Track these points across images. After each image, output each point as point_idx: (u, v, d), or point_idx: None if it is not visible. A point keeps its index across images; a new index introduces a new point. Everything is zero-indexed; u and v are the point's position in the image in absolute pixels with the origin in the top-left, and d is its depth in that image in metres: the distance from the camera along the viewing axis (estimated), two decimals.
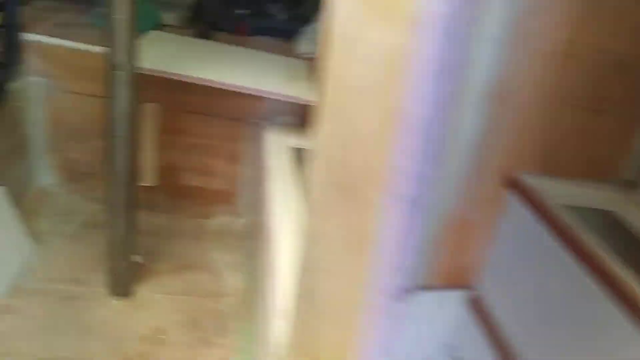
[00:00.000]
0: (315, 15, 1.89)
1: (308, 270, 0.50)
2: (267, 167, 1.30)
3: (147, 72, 1.24)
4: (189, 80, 1.28)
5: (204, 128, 1.53)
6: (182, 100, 1.47)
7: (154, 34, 1.55)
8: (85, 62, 1.36)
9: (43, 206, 1.50)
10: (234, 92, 1.37)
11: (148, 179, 1.58)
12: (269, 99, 1.45)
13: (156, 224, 1.61)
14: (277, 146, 1.41)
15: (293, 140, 1.47)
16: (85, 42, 1.37)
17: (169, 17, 1.74)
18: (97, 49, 1.35)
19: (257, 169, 1.58)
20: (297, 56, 1.82)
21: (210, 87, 1.35)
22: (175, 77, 1.27)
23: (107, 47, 0.90)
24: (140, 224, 1.56)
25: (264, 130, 1.50)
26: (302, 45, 1.86)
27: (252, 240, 1.59)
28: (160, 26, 1.72)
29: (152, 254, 1.47)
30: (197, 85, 1.34)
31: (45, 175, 1.54)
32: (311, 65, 1.62)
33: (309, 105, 1.42)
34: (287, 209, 1.05)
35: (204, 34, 1.71)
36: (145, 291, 1.33)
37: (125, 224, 1.09)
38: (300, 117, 1.55)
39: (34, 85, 1.37)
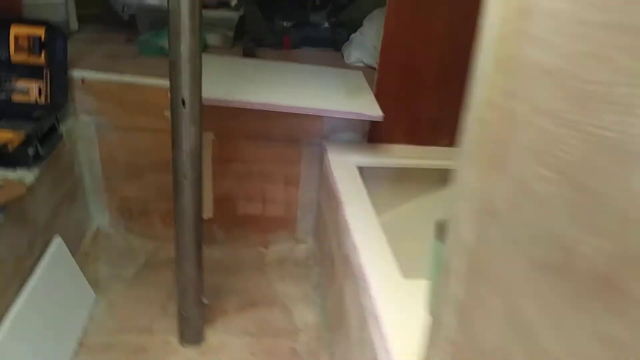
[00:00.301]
0: (360, 21, 1.81)
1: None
2: (335, 189, 1.21)
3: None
4: (245, 107, 1.21)
5: (258, 153, 1.46)
6: (234, 125, 1.40)
7: None
8: (135, 95, 1.31)
9: (100, 249, 1.46)
10: (289, 112, 1.30)
11: (204, 211, 1.52)
12: (327, 116, 1.37)
13: (215, 259, 1.55)
14: (342, 166, 1.32)
15: (358, 159, 1.38)
16: (134, 73, 1.32)
17: (211, 38, 1.69)
18: (147, 80, 1.30)
19: (321, 192, 1.50)
20: (347, 66, 1.75)
21: (263, 110, 1.28)
22: (230, 105, 1.20)
23: (172, 81, 0.83)
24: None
25: (324, 149, 1.43)
26: (351, 54, 1.78)
27: (319, 269, 1.51)
28: (205, 48, 1.67)
29: (215, 292, 1.40)
30: (249, 109, 1.27)
31: (100, 217, 1.50)
32: (368, 75, 1.53)
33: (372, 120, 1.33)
34: (372, 241, 0.96)
35: (249, 52, 1.65)
36: (216, 335, 1.27)
37: (195, 267, 1.02)
38: (361, 132, 1.46)
39: (84, 124, 1.34)
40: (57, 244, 1.15)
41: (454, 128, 1.49)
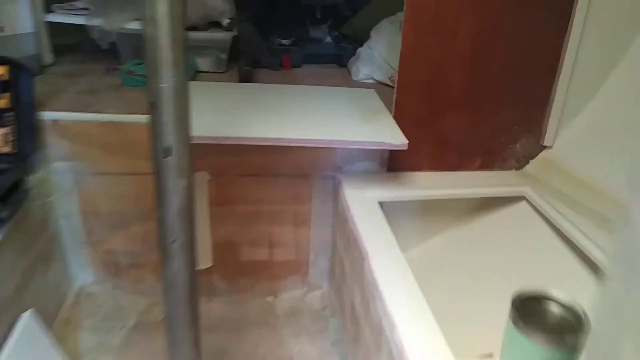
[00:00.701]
0: (365, 33, 1.67)
1: None
2: (356, 235, 1.05)
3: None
4: (245, 143, 1.06)
5: (262, 191, 1.30)
6: (232, 162, 1.25)
7: (191, 86, 1.34)
8: (117, 135, 1.16)
9: (83, 314, 1.30)
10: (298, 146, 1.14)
11: (202, 260, 1.36)
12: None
13: (217, 314, 1.38)
14: (361, 203, 1.16)
15: (378, 192, 1.22)
16: (115, 109, 1.17)
17: (202, 63, 1.54)
18: (129, 117, 1.15)
19: (337, 232, 1.33)
20: (356, 83, 1.60)
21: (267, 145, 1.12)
22: (228, 142, 1.05)
23: (152, 127, 0.68)
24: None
25: (338, 183, 1.27)
26: (360, 70, 1.64)
27: (337, 321, 1.34)
28: (195, 75, 1.52)
29: (218, 357, 1.23)
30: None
31: (83, 274, 1.34)
32: (381, 93, 1.38)
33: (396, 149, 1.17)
34: (412, 310, 0.79)
35: (246, 76, 1.50)
36: None
37: (191, 349, 0.86)
38: (380, 161, 1.31)
39: (59, 173, 1.18)
40: (26, 320, 0.99)
41: (485, 149, 1.32)
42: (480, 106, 1.29)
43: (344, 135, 1.11)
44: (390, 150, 1.27)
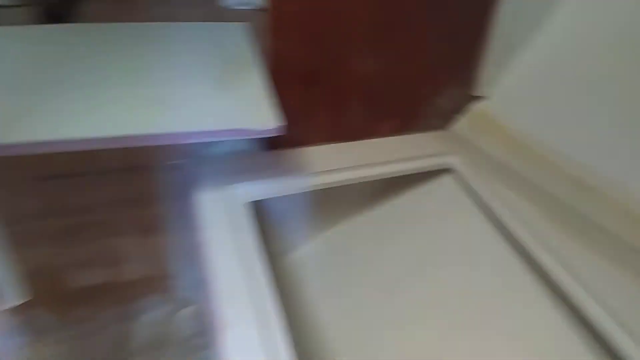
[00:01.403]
0: None
1: None
2: (209, 278, 0.77)
3: None
4: (17, 153, 0.70)
5: (79, 197, 0.96)
6: (21, 162, 0.89)
7: None
8: None
9: None
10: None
11: (9, 296, 1.03)
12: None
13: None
14: (219, 211, 0.86)
15: (248, 187, 0.92)
16: None
17: None
18: None
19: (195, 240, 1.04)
20: (225, 12, 1.23)
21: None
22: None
23: None
24: None
25: (190, 176, 0.95)
26: None
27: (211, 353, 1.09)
28: None
29: None
30: None
31: None
32: (258, 29, 1.03)
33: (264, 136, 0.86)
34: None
35: (55, 12, 1.08)
36: None
37: None
38: (250, 139, 1.00)
39: None
40: None
41: (400, 106, 0.99)
42: (395, 45, 1.00)
43: (181, 122, 0.77)
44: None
